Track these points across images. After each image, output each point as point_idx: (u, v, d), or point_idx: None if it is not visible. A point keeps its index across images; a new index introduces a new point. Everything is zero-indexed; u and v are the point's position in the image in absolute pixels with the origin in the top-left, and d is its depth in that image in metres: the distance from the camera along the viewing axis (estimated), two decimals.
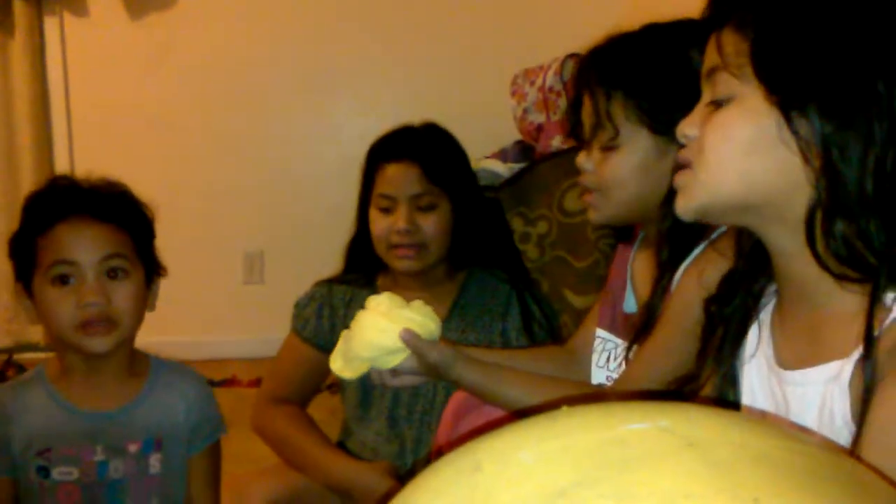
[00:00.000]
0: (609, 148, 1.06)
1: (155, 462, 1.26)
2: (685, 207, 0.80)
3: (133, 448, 1.24)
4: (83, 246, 1.18)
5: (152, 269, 1.28)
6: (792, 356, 0.80)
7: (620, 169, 1.06)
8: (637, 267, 1.20)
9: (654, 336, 1.04)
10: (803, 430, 0.76)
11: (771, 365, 0.81)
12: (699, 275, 0.94)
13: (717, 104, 0.76)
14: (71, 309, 1.17)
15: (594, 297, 1.42)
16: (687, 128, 0.80)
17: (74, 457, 1.21)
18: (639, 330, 1.09)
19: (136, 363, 1.29)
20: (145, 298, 1.25)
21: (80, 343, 1.19)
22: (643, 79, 1.05)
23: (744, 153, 0.74)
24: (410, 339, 1.09)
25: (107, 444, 1.23)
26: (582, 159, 1.10)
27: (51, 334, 1.23)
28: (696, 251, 1.03)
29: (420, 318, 1.13)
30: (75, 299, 1.17)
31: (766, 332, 0.83)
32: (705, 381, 0.88)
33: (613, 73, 1.06)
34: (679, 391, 0.91)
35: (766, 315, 0.84)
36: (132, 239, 1.23)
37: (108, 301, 1.18)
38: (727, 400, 0.85)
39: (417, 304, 1.16)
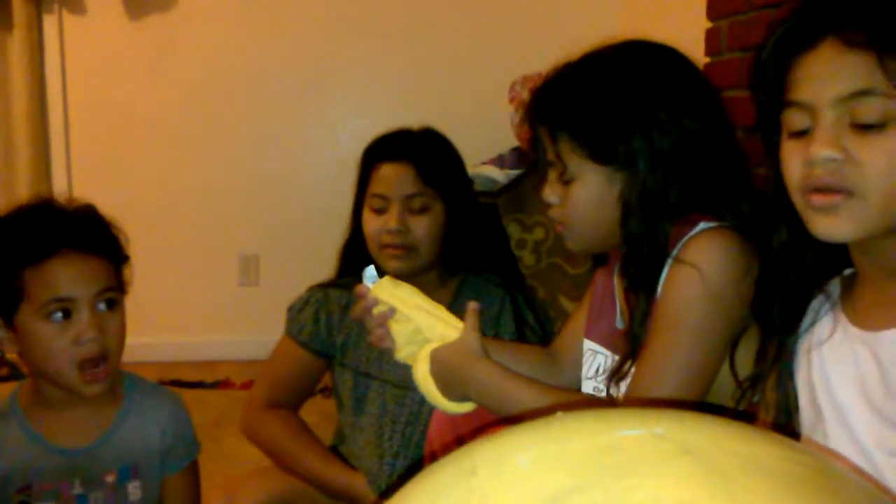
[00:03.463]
0: (566, 181, 1.10)
1: (134, 490, 1.24)
2: (854, 232, 0.81)
3: (110, 478, 1.22)
4: (80, 282, 1.15)
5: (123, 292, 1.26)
6: (880, 322, 0.83)
7: (580, 202, 1.10)
8: (620, 288, 1.21)
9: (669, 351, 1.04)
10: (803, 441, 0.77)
11: (857, 336, 0.85)
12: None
13: (865, 127, 0.77)
14: (69, 345, 1.15)
15: None
16: (827, 150, 0.80)
17: (54, 491, 1.20)
18: (626, 354, 1.10)
19: (112, 386, 1.25)
20: None
21: (75, 386, 1.17)
22: (579, 116, 1.08)
23: None
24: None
25: (84, 478, 1.21)
26: (548, 193, 1.13)
27: (33, 366, 1.20)
28: (665, 270, 1.05)
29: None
30: (73, 336, 1.15)
31: (840, 314, 0.88)
32: (768, 376, 0.93)
33: (553, 114, 1.10)
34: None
35: (837, 297, 0.89)
36: (115, 267, 1.22)
37: (104, 335, 1.17)
38: (787, 397, 0.92)
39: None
